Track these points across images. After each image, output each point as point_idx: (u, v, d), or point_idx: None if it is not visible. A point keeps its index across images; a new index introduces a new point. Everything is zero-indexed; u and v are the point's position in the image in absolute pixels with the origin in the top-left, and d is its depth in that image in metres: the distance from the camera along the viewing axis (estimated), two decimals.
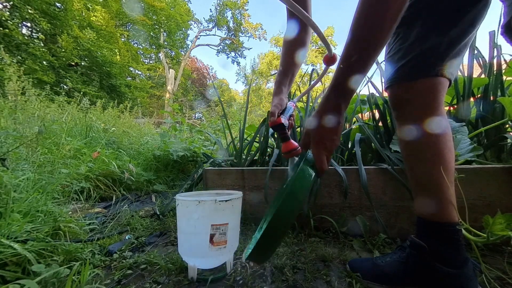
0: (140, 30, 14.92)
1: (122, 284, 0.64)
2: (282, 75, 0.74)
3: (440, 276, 0.53)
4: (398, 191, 0.89)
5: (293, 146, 0.65)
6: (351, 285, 0.62)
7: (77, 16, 9.88)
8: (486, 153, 1.02)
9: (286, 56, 0.76)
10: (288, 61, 0.75)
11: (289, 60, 0.75)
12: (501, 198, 0.79)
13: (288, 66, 0.75)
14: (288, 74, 0.75)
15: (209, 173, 1.18)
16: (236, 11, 21.55)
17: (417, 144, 0.59)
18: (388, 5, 0.40)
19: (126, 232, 0.99)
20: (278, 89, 0.73)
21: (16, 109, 1.92)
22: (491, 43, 1.12)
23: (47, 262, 0.64)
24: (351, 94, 0.48)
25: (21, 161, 1.14)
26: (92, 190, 1.42)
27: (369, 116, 1.42)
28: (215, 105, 16.58)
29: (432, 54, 0.56)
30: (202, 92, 22.30)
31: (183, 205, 0.64)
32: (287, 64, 0.75)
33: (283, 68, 0.75)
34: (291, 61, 0.75)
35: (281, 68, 0.76)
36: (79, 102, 2.81)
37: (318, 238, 0.91)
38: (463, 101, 1.12)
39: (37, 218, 0.80)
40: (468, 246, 0.65)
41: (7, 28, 7.10)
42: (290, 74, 0.75)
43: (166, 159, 2.10)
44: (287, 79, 0.75)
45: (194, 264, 0.64)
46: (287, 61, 0.75)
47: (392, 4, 0.40)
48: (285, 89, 0.74)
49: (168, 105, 12.85)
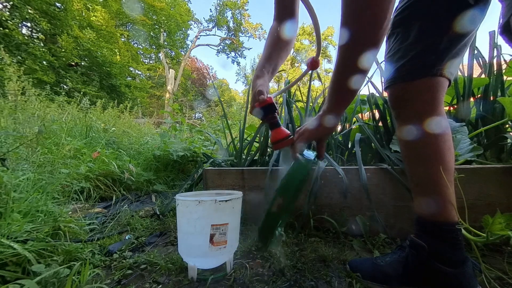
0: (140, 30, 14.92)
1: (122, 284, 0.64)
2: (265, 61, 0.68)
3: (439, 276, 0.53)
4: (398, 191, 0.89)
5: (285, 134, 0.56)
6: (351, 285, 0.62)
7: (77, 16, 9.87)
8: (486, 153, 1.02)
9: (271, 47, 0.70)
10: (272, 52, 0.70)
11: (274, 52, 0.70)
12: (501, 198, 0.79)
13: (272, 56, 0.70)
14: (271, 62, 0.69)
15: (209, 173, 1.18)
16: (236, 11, 21.55)
17: (416, 143, 0.59)
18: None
19: (126, 232, 0.99)
20: (261, 72, 0.66)
21: (16, 109, 1.92)
22: (491, 43, 1.12)
23: (47, 262, 0.64)
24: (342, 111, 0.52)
25: (21, 161, 1.14)
26: (92, 190, 1.42)
27: (369, 116, 1.42)
28: (215, 105, 16.59)
29: (432, 54, 0.56)
30: (202, 92, 22.30)
31: (183, 205, 0.64)
32: (271, 54, 0.70)
33: (266, 55, 0.70)
34: (276, 54, 0.70)
35: (264, 55, 0.70)
36: (79, 102, 2.80)
37: (318, 238, 0.91)
38: (463, 101, 1.12)
39: (37, 218, 0.80)
40: (467, 246, 0.65)
41: (7, 28, 7.10)
42: (273, 63, 0.70)
43: (166, 159, 2.10)
44: (270, 67, 0.69)
45: (194, 264, 0.64)
46: (272, 52, 0.70)
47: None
48: (267, 76, 0.67)
49: (168, 105, 12.86)
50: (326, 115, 0.56)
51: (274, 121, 0.56)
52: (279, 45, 0.72)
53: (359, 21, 0.42)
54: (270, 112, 0.56)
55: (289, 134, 0.56)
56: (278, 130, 0.56)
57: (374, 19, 0.41)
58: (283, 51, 0.72)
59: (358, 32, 0.43)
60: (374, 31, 0.43)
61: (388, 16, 0.41)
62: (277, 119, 0.57)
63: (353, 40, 0.44)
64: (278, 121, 0.57)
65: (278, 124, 0.57)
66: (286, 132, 0.56)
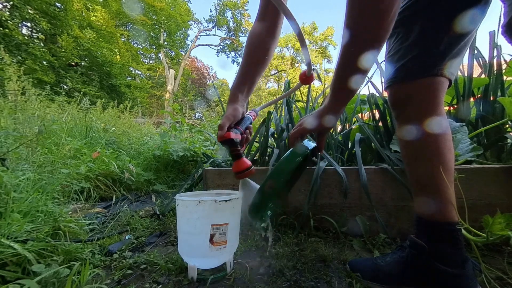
0: (140, 30, 14.92)
1: (122, 284, 0.64)
2: (240, 80, 0.66)
3: (440, 276, 0.53)
4: (398, 191, 0.89)
5: (245, 166, 0.59)
6: (351, 285, 0.62)
7: (77, 16, 9.88)
8: (486, 153, 1.02)
9: (247, 61, 0.68)
10: (248, 67, 0.67)
11: (251, 66, 0.67)
12: (501, 198, 0.79)
13: (248, 71, 0.67)
14: (246, 80, 0.67)
15: (209, 173, 1.17)
16: (236, 11, 21.54)
17: (416, 143, 0.59)
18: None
19: (126, 232, 0.99)
20: (234, 96, 0.64)
21: (16, 109, 1.92)
22: (491, 43, 1.12)
23: (47, 262, 0.64)
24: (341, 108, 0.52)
25: (21, 161, 1.14)
26: (92, 190, 1.42)
27: (369, 116, 1.42)
28: (215, 105, 16.57)
29: (432, 54, 0.56)
30: (202, 92, 22.30)
31: (183, 205, 0.64)
32: (247, 70, 0.67)
33: (242, 73, 0.67)
34: (253, 68, 0.68)
35: (239, 73, 0.67)
36: (79, 102, 2.80)
37: (318, 238, 0.91)
38: (463, 101, 1.12)
39: (37, 218, 0.80)
40: (468, 246, 0.65)
41: (7, 28, 7.10)
42: (248, 81, 0.67)
43: (166, 159, 2.10)
44: (245, 86, 0.66)
45: (194, 264, 0.64)
46: (248, 66, 0.67)
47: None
48: (241, 97, 0.65)
49: (168, 105, 12.86)
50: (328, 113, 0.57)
51: (235, 153, 0.60)
52: (258, 56, 0.68)
53: (365, 13, 0.42)
54: (230, 145, 0.59)
55: (250, 165, 0.60)
56: (238, 162, 0.60)
57: (380, 11, 0.41)
58: (262, 62, 0.69)
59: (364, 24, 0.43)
60: (379, 24, 0.42)
61: (395, 9, 0.41)
62: (238, 151, 0.60)
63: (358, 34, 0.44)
64: (240, 153, 0.60)
65: (239, 155, 0.60)
66: (247, 163, 0.60)
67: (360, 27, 0.44)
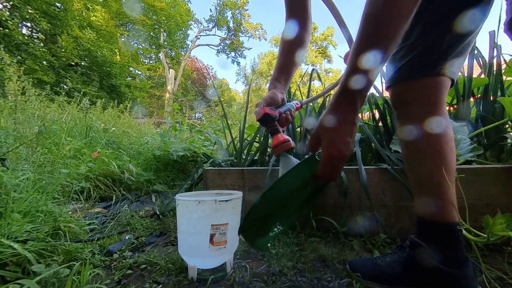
0: (140, 30, 14.91)
1: (122, 284, 0.64)
2: (278, 71, 0.71)
3: (440, 276, 0.53)
4: (398, 191, 0.89)
5: (283, 139, 0.57)
6: (351, 285, 0.62)
7: (77, 16, 9.87)
8: (486, 153, 1.02)
9: (283, 55, 0.73)
10: (285, 60, 0.72)
11: (287, 59, 0.72)
12: (501, 198, 0.79)
13: (284, 64, 0.72)
14: (284, 71, 0.71)
15: (209, 173, 1.17)
16: (236, 11, 21.54)
17: (417, 144, 0.59)
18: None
19: (126, 232, 0.99)
20: (272, 84, 0.69)
21: (16, 109, 1.92)
22: (491, 43, 1.11)
23: (47, 262, 0.64)
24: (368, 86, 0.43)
25: (21, 161, 1.14)
26: (92, 190, 1.42)
27: (369, 116, 1.42)
28: (215, 105, 16.58)
29: (434, 53, 0.56)
30: (202, 92, 22.30)
31: (183, 205, 0.64)
32: (283, 63, 0.72)
33: (279, 66, 0.72)
34: (289, 60, 0.72)
35: (277, 65, 0.73)
36: (79, 102, 2.80)
37: (318, 238, 0.91)
38: (463, 101, 1.12)
39: (37, 218, 0.80)
40: (468, 246, 0.65)
41: (7, 28, 7.10)
42: (285, 72, 0.72)
43: (166, 159, 2.10)
44: (282, 76, 0.71)
45: (194, 264, 0.64)
46: (284, 59, 0.72)
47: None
48: (279, 85, 0.69)
49: (168, 105, 12.86)
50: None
51: (272, 128, 0.59)
52: (292, 49, 0.72)
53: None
54: (268, 121, 0.59)
55: (287, 139, 0.58)
56: (276, 136, 0.58)
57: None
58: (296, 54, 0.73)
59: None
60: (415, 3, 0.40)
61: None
62: (275, 126, 0.59)
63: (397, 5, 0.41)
64: (277, 128, 0.59)
65: (276, 130, 0.59)
66: (285, 137, 0.58)
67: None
